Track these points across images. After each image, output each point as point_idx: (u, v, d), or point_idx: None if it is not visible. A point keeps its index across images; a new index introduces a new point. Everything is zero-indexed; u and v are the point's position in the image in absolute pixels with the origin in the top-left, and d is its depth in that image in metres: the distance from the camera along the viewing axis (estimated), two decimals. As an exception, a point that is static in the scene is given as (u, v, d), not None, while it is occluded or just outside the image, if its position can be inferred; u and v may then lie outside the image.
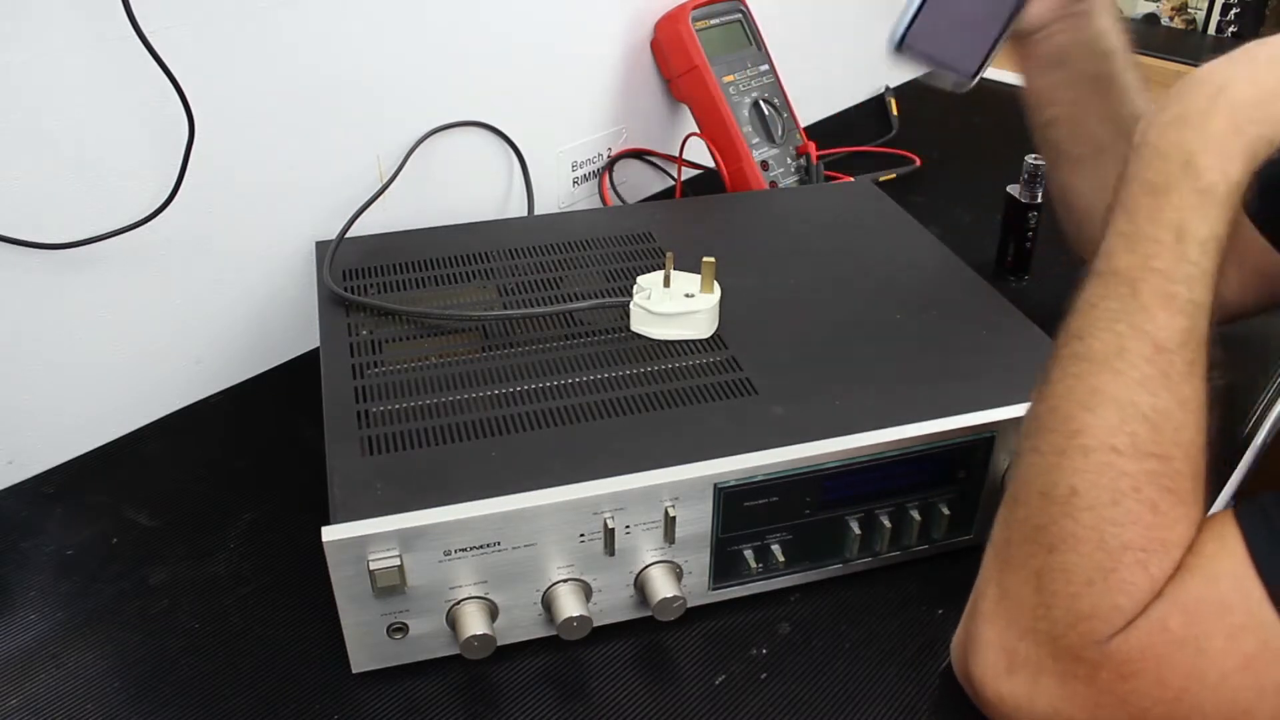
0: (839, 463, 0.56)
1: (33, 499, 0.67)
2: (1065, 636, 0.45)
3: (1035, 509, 0.46)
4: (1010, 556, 0.47)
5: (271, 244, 0.77)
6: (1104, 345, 0.46)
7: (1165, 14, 1.38)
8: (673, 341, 0.64)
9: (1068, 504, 0.45)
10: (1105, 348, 0.46)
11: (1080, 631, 0.44)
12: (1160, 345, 0.45)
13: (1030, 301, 0.86)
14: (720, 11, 0.98)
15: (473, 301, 0.69)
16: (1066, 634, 0.45)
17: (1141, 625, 0.43)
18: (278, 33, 0.71)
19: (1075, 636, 0.44)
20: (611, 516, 0.53)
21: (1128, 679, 0.43)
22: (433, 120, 0.83)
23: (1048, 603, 0.45)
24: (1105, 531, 0.44)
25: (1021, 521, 0.47)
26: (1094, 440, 0.45)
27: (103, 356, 0.70)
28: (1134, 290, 0.45)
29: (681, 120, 1.04)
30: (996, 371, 0.62)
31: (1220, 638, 0.42)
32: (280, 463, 0.70)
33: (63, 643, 0.57)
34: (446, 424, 0.57)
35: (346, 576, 0.51)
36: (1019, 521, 0.47)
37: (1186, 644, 0.42)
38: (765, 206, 0.85)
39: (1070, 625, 0.44)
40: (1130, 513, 0.44)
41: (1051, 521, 0.45)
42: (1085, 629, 0.44)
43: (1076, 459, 0.45)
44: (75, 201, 0.65)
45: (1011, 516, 0.48)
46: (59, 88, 0.62)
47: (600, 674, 0.55)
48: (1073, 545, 0.45)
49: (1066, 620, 0.44)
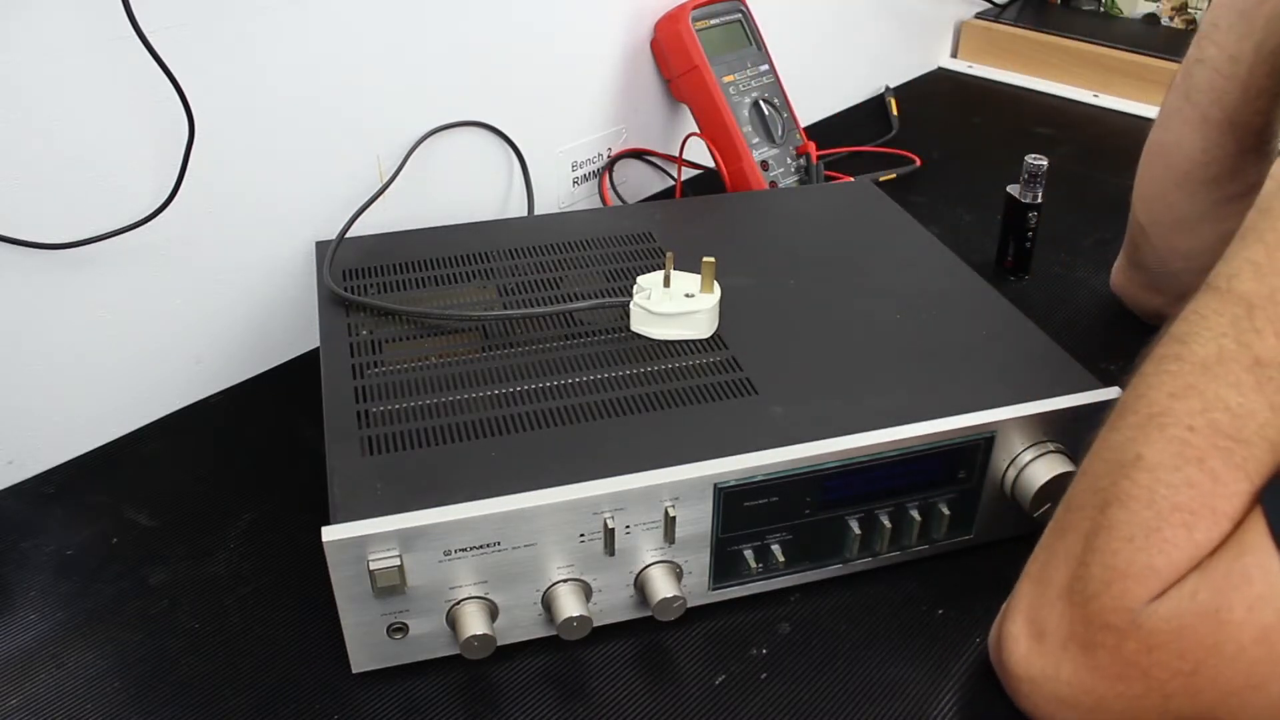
0: (839, 463, 0.56)
1: (33, 499, 0.67)
2: (1098, 598, 0.45)
3: (1098, 474, 0.47)
4: (1063, 521, 0.48)
5: (271, 244, 0.77)
6: (1205, 351, 0.46)
7: (1165, 14, 1.38)
8: (673, 341, 0.64)
9: (1131, 467, 0.45)
10: (1206, 353, 0.46)
11: (1113, 593, 0.44)
12: (1262, 361, 0.44)
13: (1030, 301, 0.87)
14: (720, 11, 0.98)
15: (473, 301, 0.69)
16: (1100, 594, 0.44)
17: (1173, 595, 0.43)
18: (278, 32, 0.71)
19: (1108, 598, 0.44)
20: (611, 516, 0.53)
21: (1153, 650, 0.43)
22: (433, 120, 0.83)
23: (1086, 560, 0.45)
24: (1158, 492, 0.44)
25: (1081, 489, 0.48)
26: (1172, 419, 0.45)
27: (103, 356, 0.70)
28: (1250, 313, 0.45)
29: (681, 120, 1.04)
30: (996, 371, 0.62)
31: (1241, 609, 0.42)
32: (280, 463, 0.70)
33: (63, 643, 0.57)
34: (446, 424, 0.57)
35: (346, 576, 0.51)
36: (1079, 490, 0.48)
37: (1208, 615, 0.42)
38: (765, 206, 0.85)
39: (1105, 584, 0.44)
40: (1189, 478, 0.44)
41: (1111, 483, 0.46)
42: (1118, 590, 0.44)
43: (1151, 432, 0.45)
44: (75, 201, 0.65)
45: (1074, 489, 0.49)
46: (59, 88, 0.62)
47: (600, 674, 0.55)
48: (1124, 502, 0.45)
49: (1102, 578, 0.44)
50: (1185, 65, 0.72)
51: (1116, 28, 1.39)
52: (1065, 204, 0.99)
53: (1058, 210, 0.95)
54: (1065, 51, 1.34)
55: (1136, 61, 1.28)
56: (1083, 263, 0.92)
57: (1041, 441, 0.59)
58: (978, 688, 0.54)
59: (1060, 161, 1.03)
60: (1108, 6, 1.44)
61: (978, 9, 1.43)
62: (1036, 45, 1.36)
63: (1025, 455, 0.59)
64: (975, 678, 0.55)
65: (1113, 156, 1.12)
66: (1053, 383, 0.60)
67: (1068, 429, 0.59)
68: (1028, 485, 0.58)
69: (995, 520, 0.61)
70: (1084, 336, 0.82)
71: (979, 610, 0.58)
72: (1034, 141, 1.17)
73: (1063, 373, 0.61)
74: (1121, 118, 1.25)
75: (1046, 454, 0.58)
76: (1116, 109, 1.27)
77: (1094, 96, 1.30)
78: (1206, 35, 0.70)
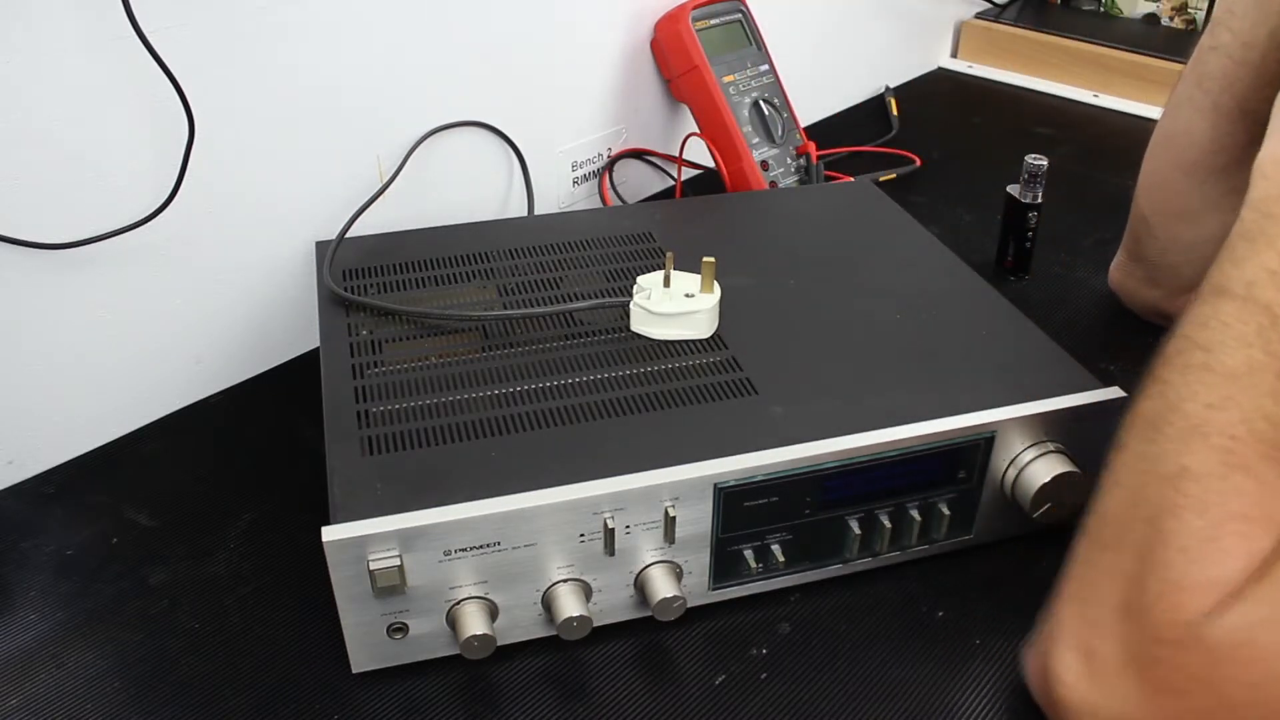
0: (839, 463, 0.56)
1: (33, 499, 0.67)
2: (1151, 611, 0.43)
3: (1136, 486, 0.46)
4: (1102, 537, 0.46)
5: (271, 244, 0.77)
6: (1235, 362, 0.45)
7: (1165, 14, 1.38)
8: (673, 341, 0.64)
9: (1176, 479, 0.44)
10: (1236, 364, 0.45)
11: (1168, 605, 0.42)
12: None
13: (1030, 301, 0.87)
14: (720, 11, 0.98)
15: (473, 301, 0.69)
16: (1153, 608, 0.43)
17: (1234, 605, 0.41)
18: (278, 32, 0.71)
19: (1161, 612, 0.42)
20: (611, 516, 0.53)
21: (1217, 663, 0.41)
22: (432, 120, 0.83)
23: (1140, 575, 0.44)
24: (1209, 501, 0.43)
25: (1119, 502, 0.46)
26: (1213, 429, 0.44)
27: (103, 356, 0.70)
28: (1274, 321, 0.45)
29: (681, 120, 1.04)
30: (996, 371, 0.62)
31: None
32: (280, 463, 0.70)
33: (63, 643, 0.57)
34: (446, 424, 0.58)
35: (346, 576, 0.51)
36: (1116, 504, 0.46)
37: (1273, 623, 0.41)
38: (765, 206, 0.85)
39: (1159, 596, 0.42)
40: (1238, 486, 0.43)
41: (1155, 494, 0.44)
42: (1174, 602, 0.42)
43: (1193, 442, 0.44)
44: (75, 201, 0.65)
45: (1108, 503, 0.47)
46: (59, 88, 0.62)
47: (600, 674, 0.55)
48: (1173, 513, 0.43)
49: (1158, 591, 0.43)
50: (1198, 52, 0.72)
51: (1116, 28, 1.39)
52: (1065, 204, 0.99)
53: (1058, 210, 0.95)
54: (1065, 51, 1.34)
55: (1136, 61, 1.28)
56: (1083, 263, 0.92)
57: (1041, 441, 0.59)
58: (978, 688, 0.54)
59: (1060, 161, 1.03)
60: (1108, 6, 1.44)
61: (978, 9, 1.43)
62: (1036, 45, 1.36)
63: (1025, 455, 0.59)
64: (975, 678, 0.55)
65: (1113, 156, 1.12)
66: (1053, 383, 0.60)
67: (1068, 429, 0.59)
68: (1028, 485, 0.58)
69: (995, 520, 0.61)
70: (1084, 336, 0.82)
71: (979, 610, 0.58)
72: (1034, 141, 1.17)
73: (1063, 373, 0.61)
74: (1121, 118, 1.25)
75: (1046, 454, 0.58)
76: (1116, 109, 1.27)
77: (1094, 96, 1.30)
78: (1221, 21, 0.70)
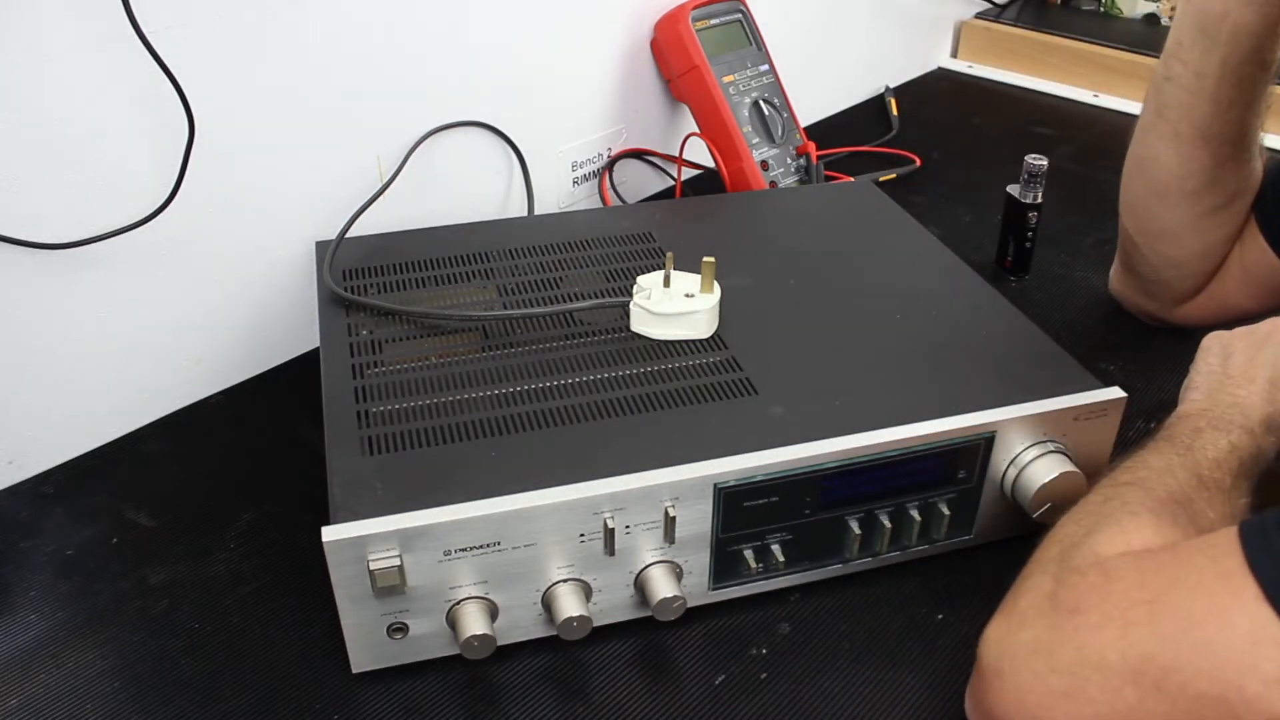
0: (839, 463, 0.56)
1: (33, 499, 0.67)
2: (1072, 559, 0.47)
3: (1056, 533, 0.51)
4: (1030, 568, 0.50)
5: (271, 244, 0.77)
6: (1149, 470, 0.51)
7: (1165, 14, 1.38)
8: (673, 341, 0.64)
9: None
10: (1149, 472, 0.51)
11: (1084, 553, 0.47)
12: (1203, 479, 0.50)
13: (1030, 301, 0.87)
14: (720, 11, 0.98)
15: (473, 301, 0.69)
16: (1073, 557, 0.47)
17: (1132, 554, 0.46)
18: (278, 33, 0.71)
19: (1081, 558, 0.46)
20: (611, 516, 0.53)
21: (1113, 580, 0.44)
22: (433, 120, 0.83)
23: (1061, 555, 0.48)
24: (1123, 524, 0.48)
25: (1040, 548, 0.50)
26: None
27: (103, 357, 0.70)
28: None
29: (681, 120, 1.04)
30: (996, 371, 0.62)
31: (1203, 558, 0.44)
32: (280, 463, 0.70)
33: (63, 643, 0.57)
34: (446, 424, 0.57)
35: (346, 576, 0.51)
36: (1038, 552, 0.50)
37: (1170, 549, 0.45)
38: (765, 206, 0.85)
39: (1079, 556, 0.47)
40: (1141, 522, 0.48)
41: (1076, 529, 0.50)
42: (1090, 549, 0.47)
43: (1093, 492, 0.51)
44: (75, 202, 0.65)
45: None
46: (59, 87, 0.62)
47: (600, 674, 0.55)
48: (1095, 529, 0.49)
49: (1077, 560, 0.47)
50: (1155, 83, 0.73)
51: (1116, 28, 1.39)
52: (1065, 204, 0.99)
53: (1058, 210, 0.95)
54: (1065, 51, 1.34)
55: (1136, 61, 1.28)
56: (1083, 263, 0.92)
57: (1041, 441, 0.59)
58: (978, 688, 0.54)
59: (1060, 161, 1.03)
60: (1108, 6, 1.44)
61: (978, 9, 1.43)
62: (1036, 45, 1.36)
63: (1025, 455, 0.59)
64: (975, 678, 0.54)
65: (1113, 156, 1.10)
66: (1053, 383, 0.60)
67: (1068, 429, 0.59)
68: (1028, 485, 0.58)
69: (995, 520, 0.61)
70: (1084, 336, 0.82)
71: (978, 610, 0.58)
72: (1034, 141, 1.17)
73: (1063, 373, 0.61)
74: (1121, 118, 1.25)
75: (1047, 454, 0.58)
76: (1116, 109, 1.27)
77: (1094, 96, 1.30)
78: (1172, 53, 0.71)
